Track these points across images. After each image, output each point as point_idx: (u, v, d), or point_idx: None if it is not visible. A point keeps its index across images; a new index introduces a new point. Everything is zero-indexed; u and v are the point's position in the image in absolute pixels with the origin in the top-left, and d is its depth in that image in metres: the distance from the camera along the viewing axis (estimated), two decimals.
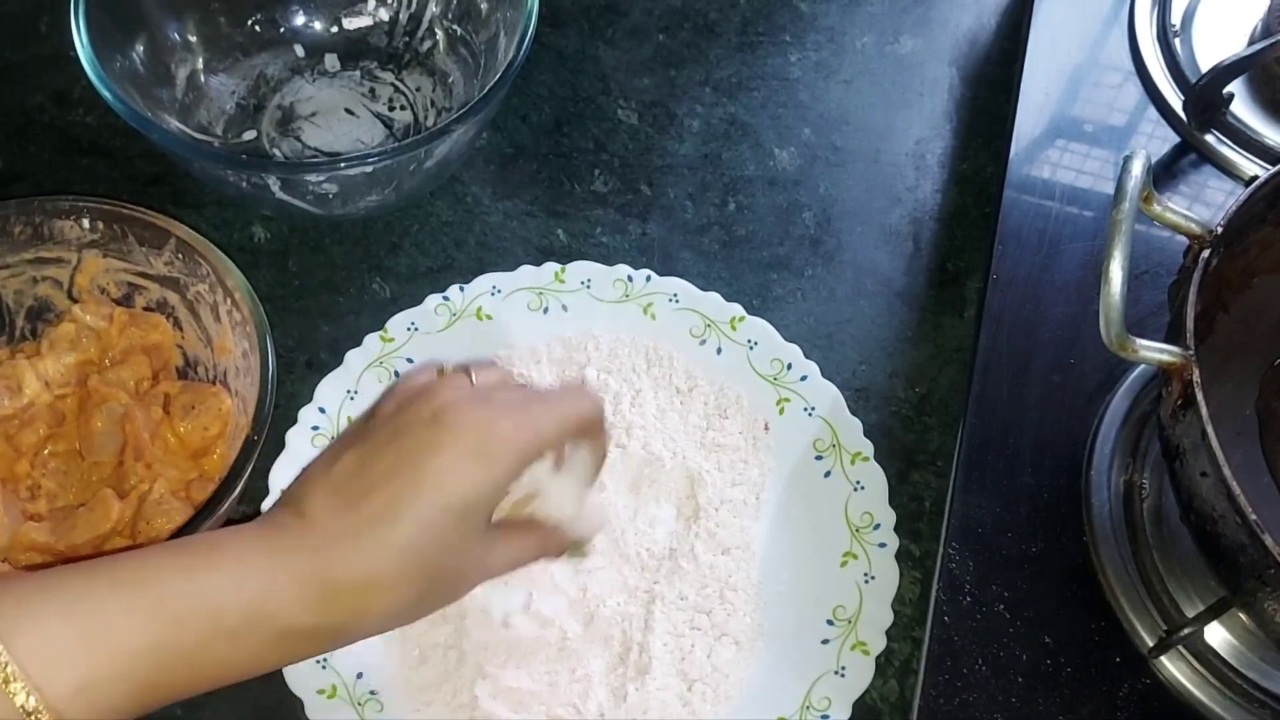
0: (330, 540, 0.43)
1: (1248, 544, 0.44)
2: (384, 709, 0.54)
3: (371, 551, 0.43)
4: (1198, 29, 0.75)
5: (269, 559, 0.42)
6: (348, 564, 0.43)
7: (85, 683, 0.38)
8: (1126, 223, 0.47)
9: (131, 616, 0.39)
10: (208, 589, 0.41)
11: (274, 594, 0.41)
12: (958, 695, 0.53)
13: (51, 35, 0.77)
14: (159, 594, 0.40)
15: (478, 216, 0.71)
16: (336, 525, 0.43)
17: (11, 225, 0.58)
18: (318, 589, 0.42)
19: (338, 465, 0.45)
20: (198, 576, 0.41)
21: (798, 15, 0.81)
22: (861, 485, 0.60)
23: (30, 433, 0.58)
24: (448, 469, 0.44)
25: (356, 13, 0.74)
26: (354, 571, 0.43)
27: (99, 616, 0.39)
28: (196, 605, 0.40)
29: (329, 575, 0.42)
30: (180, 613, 0.40)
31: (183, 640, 0.40)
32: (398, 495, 0.44)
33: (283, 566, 0.42)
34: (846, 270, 0.70)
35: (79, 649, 0.38)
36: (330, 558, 0.43)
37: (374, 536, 0.43)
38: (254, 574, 0.42)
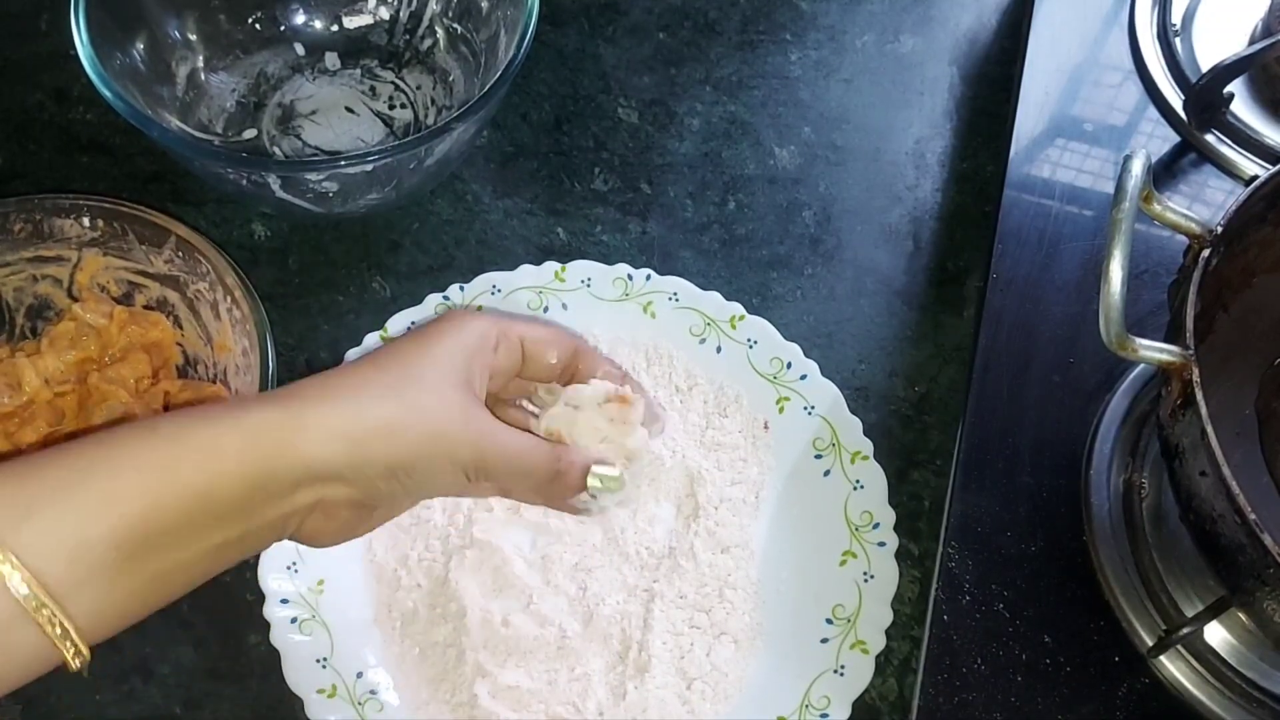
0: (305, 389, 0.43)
1: (1247, 543, 0.44)
2: (384, 708, 0.54)
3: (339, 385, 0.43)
4: (1198, 28, 0.75)
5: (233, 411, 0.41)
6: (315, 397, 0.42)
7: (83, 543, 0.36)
8: (1126, 222, 0.47)
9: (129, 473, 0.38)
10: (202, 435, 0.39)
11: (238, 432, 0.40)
12: (957, 694, 0.53)
13: (51, 33, 0.77)
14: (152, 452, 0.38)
15: (478, 215, 0.71)
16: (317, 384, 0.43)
17: (11, 223, 0.59)
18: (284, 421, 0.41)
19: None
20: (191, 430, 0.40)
21: (798, 14, 0.81)
22: (861, 484, 0.60)
23: (30, 430, 0.58)
24: (426, 335, 0.46)
25: (357, 11, 0.74)
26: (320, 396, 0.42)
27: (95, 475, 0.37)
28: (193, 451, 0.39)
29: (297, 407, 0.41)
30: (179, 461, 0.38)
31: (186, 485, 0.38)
32: (375, 359, 0.45)
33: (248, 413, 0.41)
34: (846, 269, 0.70)
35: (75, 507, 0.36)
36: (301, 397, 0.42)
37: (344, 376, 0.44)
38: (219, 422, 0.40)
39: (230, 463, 0.39)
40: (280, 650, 0.54)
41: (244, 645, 0.57)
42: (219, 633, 0.57)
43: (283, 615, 0.55)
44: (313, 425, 0.41)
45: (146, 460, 0.38)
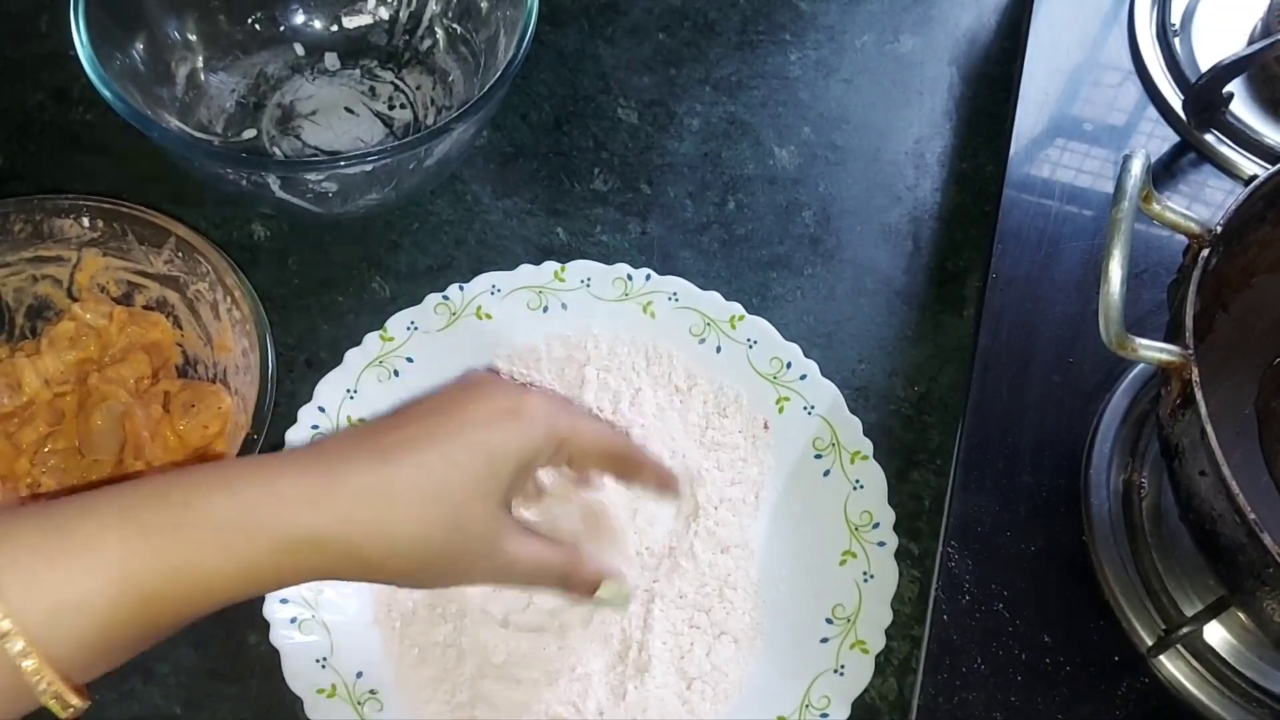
0: (342, 458, 0.41)
1: (1246, 543, 0.44)
2: (383, 708, 0.54)
3: (380, 468, 0.41)
4: (1197, 28, 0.75)
5: (267, 473, 0.40)
6: (354, 473, 0.40)
7: (59, 605, 0.36)
8: (1126, 222, 0.47)
9: (110, 536, 0.37)
10: (195, 497, 0.38)
11: (267, 498, 0.39)
12: (957, 694, 0.53)
13: (51, 33, 0.77)
14: (138, 515, 0.37)
15: (477, 215, 0.71)
16: (353, 450, 0.42)
17: (11, 223, 0.59)
18: (316, 495, 0.39)
19: (369, 423, 0.46)
20: (180, 495, 0.38)
21: (797, 14, 0.81)
22: (861, 484, 0.60)
23: (30, 430, 0.58)
24: (480, 417, 0.44)
25: (356, 11, 0.74)
26: (358, 480, 0.40)
27: (74, 537, 0.36)
28: (180, 519, 0.38)
29: (332, 481, 0.40)
30: (162, 528, 0.37)
31: (168, 555, 0.37)
32: (419, 431, 0.43)
33: (280, 478, 0.40)
34: (846, 269, 0.70)
35: (54, 570, 0.36)
36: (336, 469, 0.40)
37: (387, 457, 0.41)
38: (246, 485, 0.39)
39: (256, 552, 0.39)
40: (280, 650, 0.54)
41: (244, 645, 0.57)
42: (219, 633, 0.57)
43: (282, 615, 0.55)
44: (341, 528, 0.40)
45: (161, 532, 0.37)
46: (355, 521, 0.40)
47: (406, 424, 0.43)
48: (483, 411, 0.44)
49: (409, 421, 0.44)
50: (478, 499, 0.43)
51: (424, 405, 0.45)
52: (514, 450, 0.44)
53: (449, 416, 0.44)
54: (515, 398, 0.45)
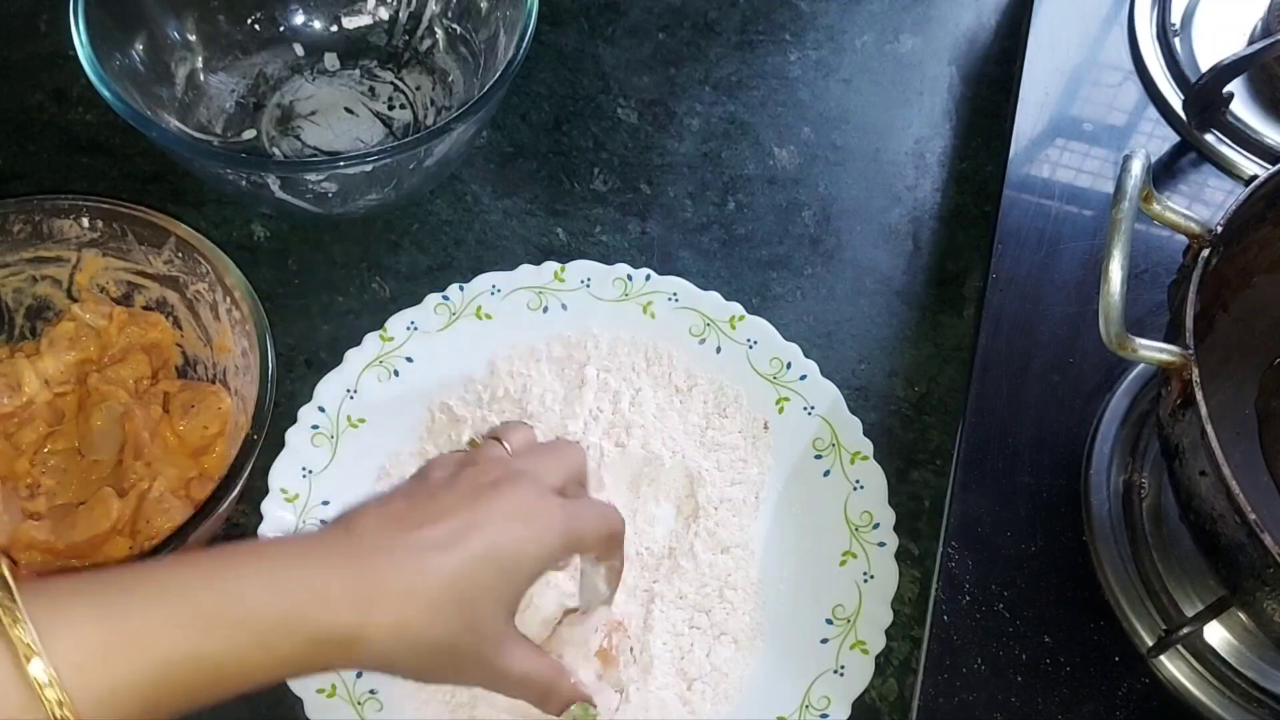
0: (378, 551, 0.44)
1: (1247, 543, 0.44)
2: (383, 708, 0.54)
3: (417, 569, 0.44)
4: (1197, 28, 0.75)
5: (309, 564, 0.43)
6: (392, 573, 0.43)
7: (113, 689, 0.38)
8: (1126, 222, 0.47)
9: (162, 622, 0.39)
10: (241, 594, 0.41)
11: (310, 598, 0.42)
12: (957, 694, 0.53)
13: (51, 33, 0.77)
14: (191, 599, 0.40)
15: (477, 215, 0.71)
16: (386, 541, 0.45)
17: (11, 224, 0.58)
18: (357, 594, 0.43)
19: (394, 498, 0.48)
20: (230, 581, 0.41)
21: (797, 14, 0.81)
22: (861, 484, 0.60)
23: (30, 431, 0.58)
24: (500, 525, 0.46)
25: (356, 11, 0.74)
26: (397, 581, 0.43)
27: (130, 622, 0.39)
28: (228, 610, 0.40)
29: (371, 580, 0.43)
30: (211, 618, 0.40)
31: (213, 646, 0.40)
32: (451, 532, 0.45)
33: (323, 571, 0.43)
34: (846, 269, 0.70)
35: (109, 654, 0.38)
36: (375, 566, 0.43)
37: (422, 557, 0.44)
38: (290, 579, 0.42)
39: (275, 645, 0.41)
40: None
41: None
42: None
43: None
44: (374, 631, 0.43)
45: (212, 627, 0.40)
46: (388, 624, 0.43)
47: (437, 515, 0.46)
48: (501, 517, 0.47)
49: (439, 513, 0.46)
50: (492, 604, 0.46)
51: (450, 494, 0.47)
52: (530, 560, 0.47)
53: (473, 517, 0.46)
54: (531, 503, 0.48)
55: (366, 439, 0.61)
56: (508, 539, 0.46)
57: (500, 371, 0.63)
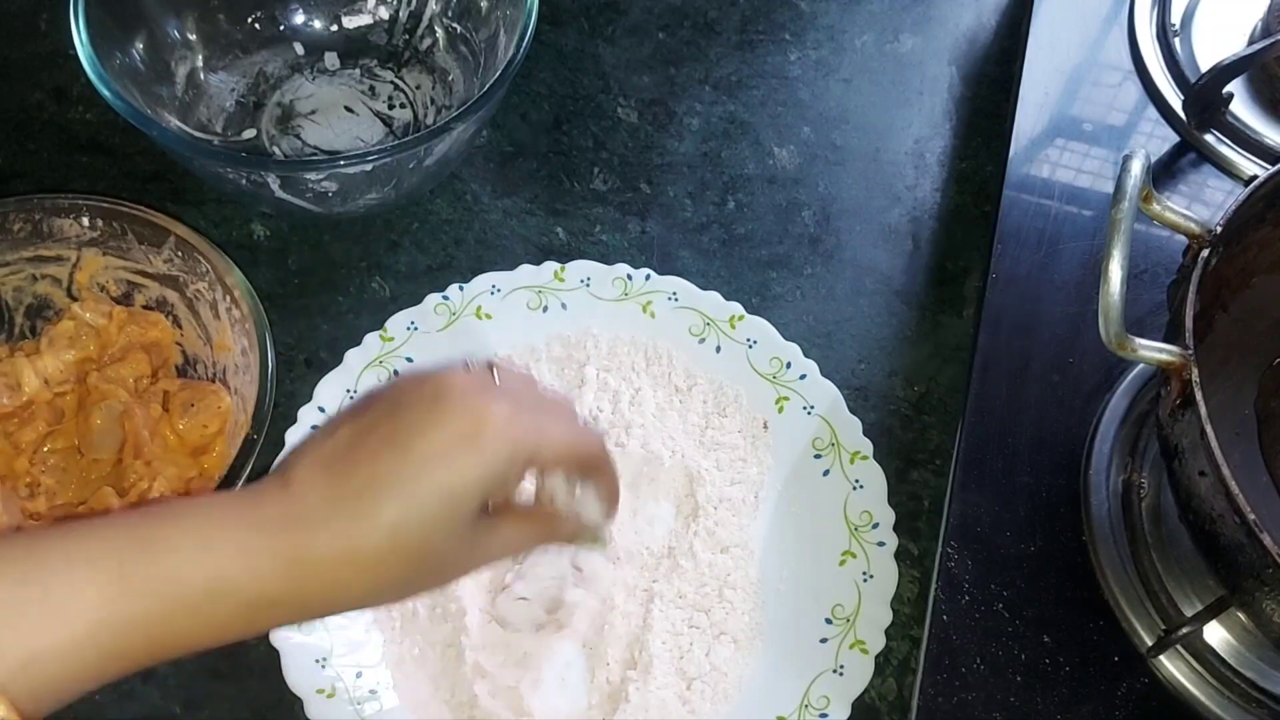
0: (310, 513, 0.41)
1: (1246, 543, 0.44)
2: (383, 708, 0.54)
3: (352, 527, 0.41)
4: (1197, 28, 0.75)
5: (240, 530, 0.41)
6: (325, 536, 0.41)
7: (33, 655, 0.36)
8: (1126, 222, 0.47)
9: (84, 588, 0.37)
10: (169, 559, 0.39)
11: (241, 567, 0.40)
12: (956, 694, 0.53)
13: (51, 33, 0.77)
14: (115, 564, 0.38)
15: (477, 215, 0.71)
16: (319, 498, 0.42)
17: (11, 223, 0.58)
18: (290, 562, 0.40)
19: (332, 438, 0.44)
20: (158, 546, 0.39)
21: (797, 13, 0.81)
22: (860, 484, 0.60)
23: (30, 430, 0.58)
24: (438, 449, 0.43)
25: (356, 11, 0.74)
26: (332, 546, 0.41)
27: (51, 588, 0.37)
28: (156, 576, 0.38)
29: (304, 548, 0.41)
30: (137, 585, 0.38)
31: (141, 612, 0.38)
32: (386, 472, 0.42)
33: (255, 537, 0.40)
34: (846, 269, 0.70)
35: (29, 621, 0.36)
36: (308, 529, 0.41)
37: (356, 512, 0.41)
38: (219, 546, 0.40)
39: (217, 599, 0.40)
40: (280, 650, 0.54)
41: (244, 645, 0.57)
42: None
43: None
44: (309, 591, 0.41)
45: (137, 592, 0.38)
46: (326, 586, 0.41)
47: (374, 453, 0.43)
48: (441, 442, 0.43)
49: (377, 449, 0.43)
50: (440, 535, 0.43)
51: (386, 424, 0.44)
52: (475, 483, 0.43)
53: (410, 451, 0.43)
54: (475, 418, 0.43)
55: None
56: (450, 469, 0.42)
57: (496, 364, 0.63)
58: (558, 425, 0.47)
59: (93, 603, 0.37)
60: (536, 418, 0.45)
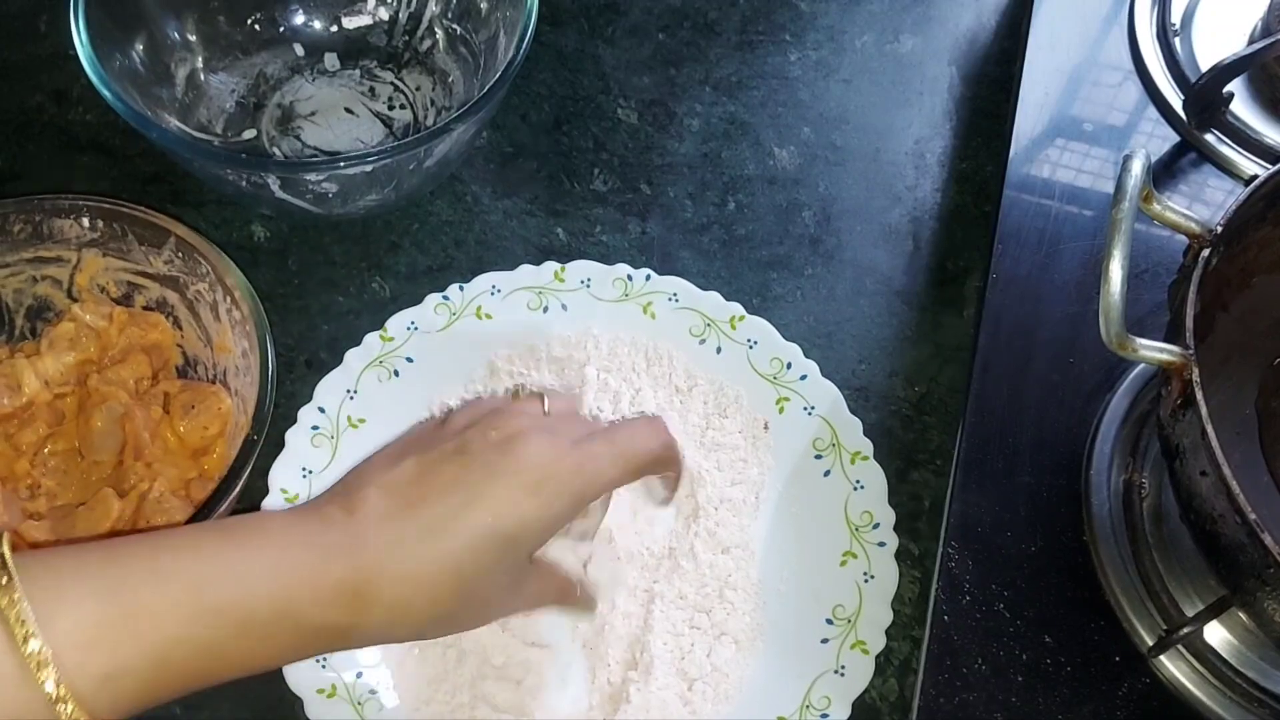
0: (376, 542, 0.43)
1: (1247, 543, 0.44)
2: (383, 708, 0.54)
3: (414, 562, 0.43)
4: (1197, 28, 0.75)
5: (309, 555, 0.42)
6: (389, 571, 0.43)
7: (113, 671, 0.38)
8: (1126, 222, 0.47)
9: (165, 607, 0.39)
10: (244, 582, 0.40)
11: (309, 592, 0.41)
12: (957, 694, 0.53)
13: (51, 34, 0.77)
14: (195, 585, 0.40)
15: (477, 215, 0.71)
16: (385, 530, 0.44)
17: (11, 224, 0.58)
18: (354, 588, 0.42)
19: (397, 469, 0.46)
20: (236, 569, 0.41)
21: (797, 14, 0.81)
22: (861, 484, 0.60)
23: (30, 432, 0.58)
24: (504, 497, 0.45)
25: (356, 12, 0.74)
26: (394, 576, 0.43)
27: (134, 605, 0.38)
28: (230, 598, 0.40)
29: (368, 580, 0.42)
30: (213, 605, 0.40)
31: (213, 633, 0.40)
32: (452, 512, 0.44)
33: (322, 565, 0.42)
34: (846, 269, 0.70)
35: (110, 637, 0.38)
36: (373, 562, 0.43)
37: (420, 548, 0.43)
38: (291, 570, 0.41)
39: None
40: None
41: None
42: None
43: None
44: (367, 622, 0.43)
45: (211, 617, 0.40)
46: (383, 616, 0.43)
47: (439, 490, 0.45)
48: (506, 489, 0.45)
49: (442, 487, 0.45)
50: (496, 574, 0.46)
51: (454, 464, 0.46)
52: (538, 528, 0.46)
53: (478, 496, 0.45)
54: (540, 469, 0.46)
55: (367, 439, 0.60)
56: (513, 515, 0.45)
57: (500, 371, 0.63)
58: (612, 452, 0.49)
59: (171, 622, 0.39)
60: (594, 454, 0.48)
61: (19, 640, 0.36)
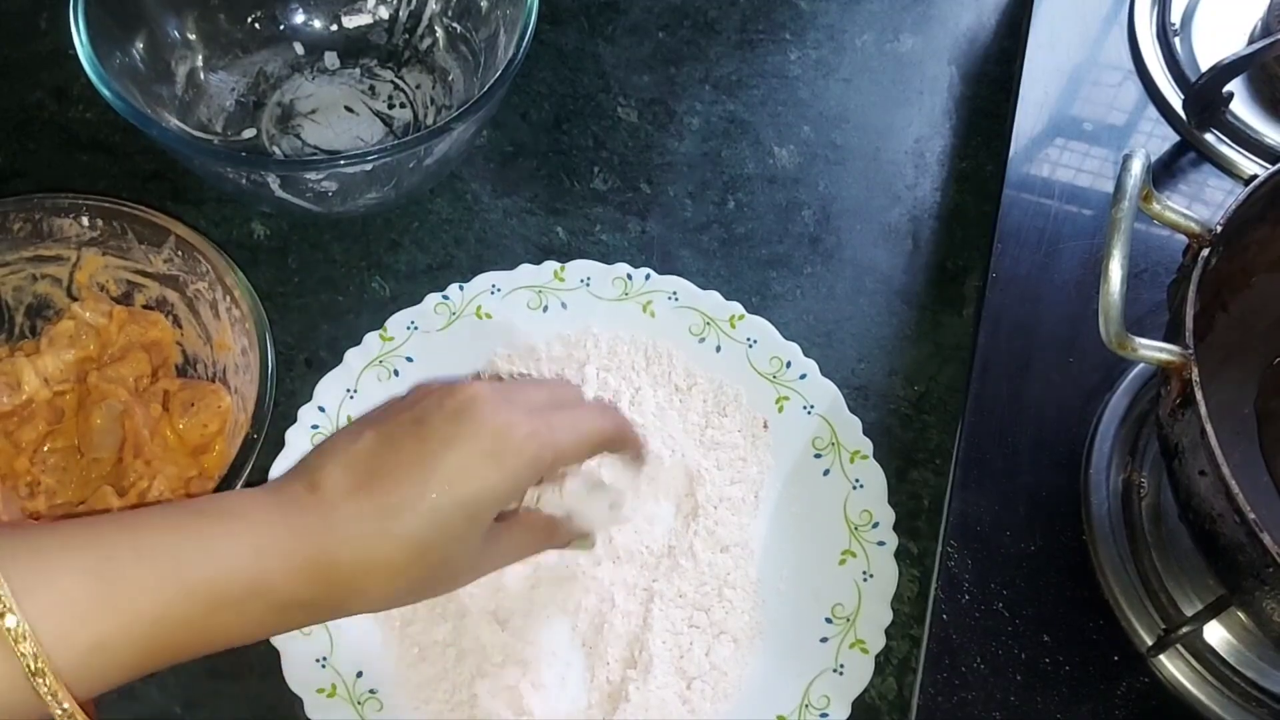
0: (339, 521, 0.44)
1: (1246, 543, 0.44)
2: (383, 707, 0.54)
3: (377, 537, 0.44)
4: (1197, 28, 0.75)
5: (278, 533, 0.43)
6: (352, 546, 0.44)
7: (94, 645, 0.38)
8: (1126, 221, 0.47)
9: (146, 582, 0.39)
10: (222, 559, 0.41)
11: (280, 568, 0.42)
12: (956, 693, 0.53)
13: (51, 32, 0.77)
14: (175, 561, 0.40)
15: (477, 214, 0.71)
16: (347, 506, 0.44)
17: (11, 222, 0.58)
18: (320, 566, 0.43)
19: (357, 444, 0.46)
20: (214, 546, 0.41)
21: (797, 13, 0.81)
22: (860, 483, 0.60)
23: (30, 429, 0.58)
24: (462, 466, 0.45)
25: (356, 10, 0.74)
26: (357, 554, 0.44)
27: (115, 580, 0.39)
28: (206, 575, 0.41)
29: (333, 555, 0.43)
30: (192, 581, 0.40)
31: (191, 608, 0.40)
32: (410, 486, 0.45)
33: (290, 543, 0.43)
34: (846, 268, 0.70)
35: (92, 612, 0.38)
36: (337, 538, 0.43)
37: (382, 523, 0.44)
38: (263, 548, 0.42)
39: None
40: (280, 650, 0.54)
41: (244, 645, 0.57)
42: None
43: None
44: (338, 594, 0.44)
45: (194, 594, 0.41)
46: (351, 590, 0.44)
47: (398, 466, 0.45)
48: (464, 458, 0.45)
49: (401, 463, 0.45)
50: (459, 545, 0.46)
51: (411, 436, 0.46)
52: (497, 495, 0.46)
53: (435, 468, 0.45)
54: (496, 436, 0.46)
55: None
56: (471, 483, 0.45)
57: (500, 371, 0.63)
58: (571, 426, 0.49)
59: (152, 597, 0.40)
60: (550, 425, 0.48)
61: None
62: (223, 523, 0.43)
